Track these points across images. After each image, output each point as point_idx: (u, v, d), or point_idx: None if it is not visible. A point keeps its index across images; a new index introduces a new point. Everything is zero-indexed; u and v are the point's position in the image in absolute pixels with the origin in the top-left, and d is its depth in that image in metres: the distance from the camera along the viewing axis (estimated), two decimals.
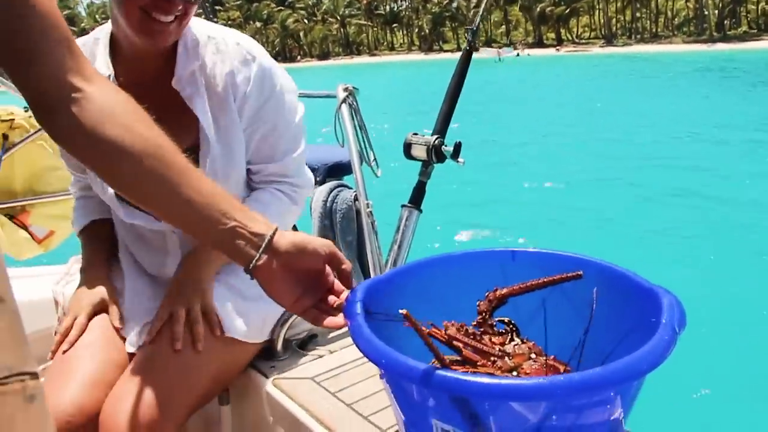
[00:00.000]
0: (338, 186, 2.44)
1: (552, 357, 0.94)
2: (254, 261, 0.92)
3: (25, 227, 3.04)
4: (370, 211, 2.27)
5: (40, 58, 0.85)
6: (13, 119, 2.96)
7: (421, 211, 2.19)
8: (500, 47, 69.85)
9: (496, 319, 0.99)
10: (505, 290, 0.98)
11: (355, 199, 2.33)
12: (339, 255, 0.98)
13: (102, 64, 1.36)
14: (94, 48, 1.40)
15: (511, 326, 0.99)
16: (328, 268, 0.97)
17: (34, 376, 0.25)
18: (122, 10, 1.26)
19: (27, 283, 2.08)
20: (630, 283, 1.03)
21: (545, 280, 0.97)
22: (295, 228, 2.38)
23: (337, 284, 0.99)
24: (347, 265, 0.99)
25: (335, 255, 0.97)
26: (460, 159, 2.12)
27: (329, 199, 2.40)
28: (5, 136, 2.94)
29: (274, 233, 0.93)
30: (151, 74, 1.39)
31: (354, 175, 2.28)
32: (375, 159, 2.39)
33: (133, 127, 0.91)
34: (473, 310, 0.99)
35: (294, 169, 1.54)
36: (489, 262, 1.11)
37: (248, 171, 1.51)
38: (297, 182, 1.55)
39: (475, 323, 0.98)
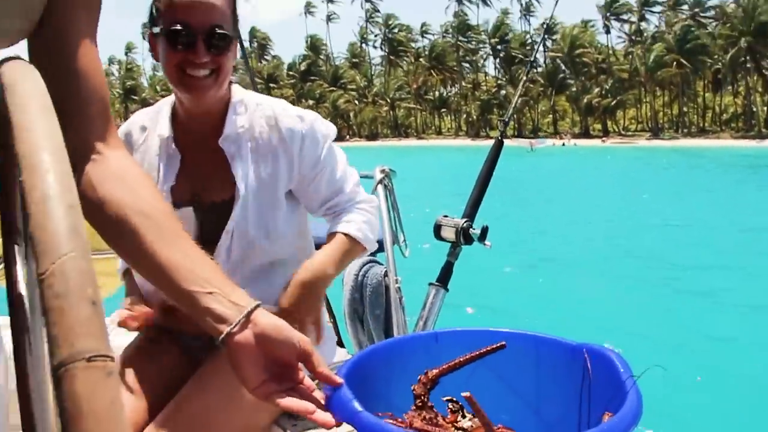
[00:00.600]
0: (370, 261, 2.56)
1: (500, 426, 1.00)
2: (230, 328, 0.88)
3: None
4: (398, 287, 2.38)
5: (79, 121, 0.92)
6: None
7: (447, 289, 2.30)
8: (533, 138, 70.41)
9: (444, 398, 1.03)
10: (435, 371, 1.02)
11: (385, 274, 2.44)
12: (314, 356, 0.93)
13: (163, 127, 1.60)
14: (158, 116, 1.64)
15: (457, 405, 1.04)
16: (301, 366, 0.93)
17: (112, 359, 0.35)
18: (165, 71, 1.50)
19: None
20: (557, 345, 1.12)
21: (473, 354, 1.01)
22: (327, 303, 2.51)
23: (308, 381, 0.94)
24: (323, 370, 0.93)
25: (309, 354, 0.92)
26: (487, 242, 2.24)
27: (360, 273, 2.51)
28: None
29: (255, 307, 0.91)
30: (204, 134, 1.60)
31: (385, 252, 2.41)
32: (405, 240, 2.52)
33: (138, 191, 0.96)
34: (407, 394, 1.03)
35: (359, 191, 1.77)
36: (414, 345, 1.17)
37: (324, 207, 1.73)
38: (366, 198, 1.78)
39: (414, 407, 1.00)
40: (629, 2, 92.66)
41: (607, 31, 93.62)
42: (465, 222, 2.25)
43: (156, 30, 1.48)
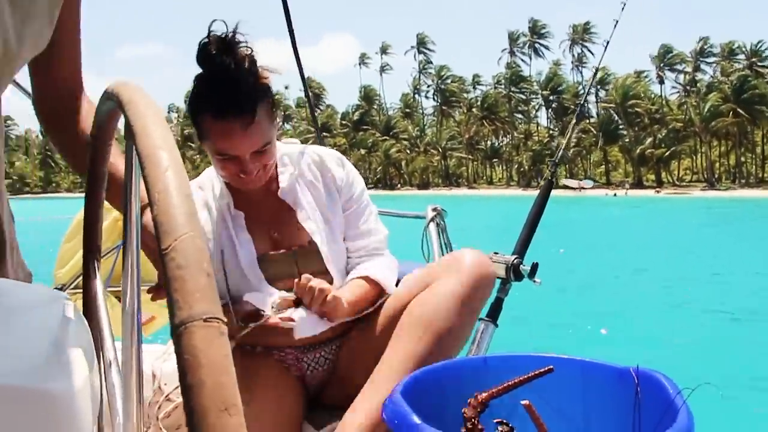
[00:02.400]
0: None
1: None
2: None
3: None
4: None
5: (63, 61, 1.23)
6: None
7: (497, 325, 2.32)
8: (580, 179, 69.63)
9: (494, 420, 1.07)
10: (485, 394, 1.05)
11: None
12: None
13: (222, 196, 1.71)
14: (213, 183, 1.75)
15: (507, 427, 1.07)
16: None
17: (225, 322, 0.41)
18: (218, 174, 1.66)
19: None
20: (604, 369, 1.14)
21: (521, 378, 1.04)
22: None
23: None
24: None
25: None
26: (536, 279, 2.26)
27: None
28: None
29: None
30: (261, 194, 1.72)
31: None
32: None
33: None
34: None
35: (385, 245, 1.85)
36: (464, 369, 1.23)
37: (352, 248, 1.79)
38: (385, 242, 1.85)
39: (464, 430, 1.04)
40: (683, 53, 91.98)
41: (661, 82, 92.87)
42: (515, 259, 2.28)
43: (200, 140, 1.61)
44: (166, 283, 0.42)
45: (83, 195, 1.00)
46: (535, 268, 2.22)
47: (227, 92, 1.50)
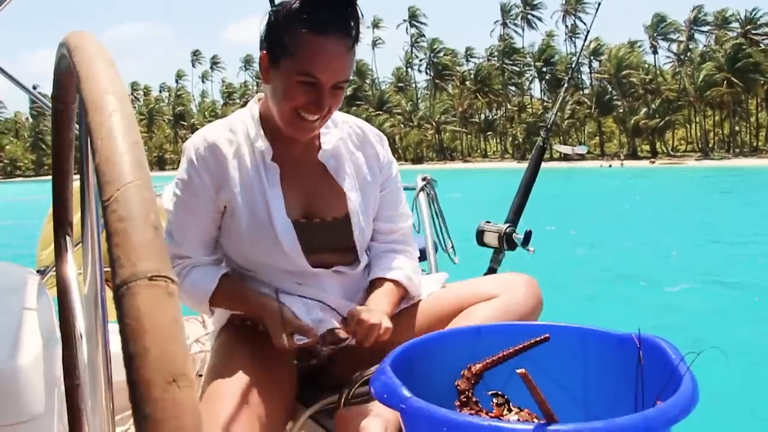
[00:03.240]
0: None
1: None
2: None
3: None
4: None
5: None
6: None
7: None
8: (574, 145, 69.94)
9: (489, 393, 1.02)
10: (479, 365, 1.02)
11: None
12: None
13: (261, 142, 1.57)
14: (238, 129, 1.60)
15: (502, 399, 1.02)
16: None
17: (173, 282, 0.36)
18: (278, 107, 1.50)
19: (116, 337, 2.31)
20: (603, 336, 1.10)
21: (516, 348, 0.99)
22: None
23: None
24: None
25: None
26: (530, 247, 2.21)
27: None
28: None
29: None
30: (301, 150, 1.61)
31: (428, 260, 2.40)
32: (453, 246, 2.51)
33: None
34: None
35: (410, 233, 1.79)
36: (457, 339, 1.17)
37: (378, 231, 1.71)
38: (411, 229, 1.79)
39: (458, 402, 1.00)
40: (677, 22, 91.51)
41: (655, 52, 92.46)
42: (508, 227, 2.23)
43: (279, 60, 1.47)
44: (107, 239, 0.37)
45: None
46: (528, 236, 2.18)
47: (337, 10, 1.43)
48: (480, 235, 2.21)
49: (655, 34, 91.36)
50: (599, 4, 2.72)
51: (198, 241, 1.58)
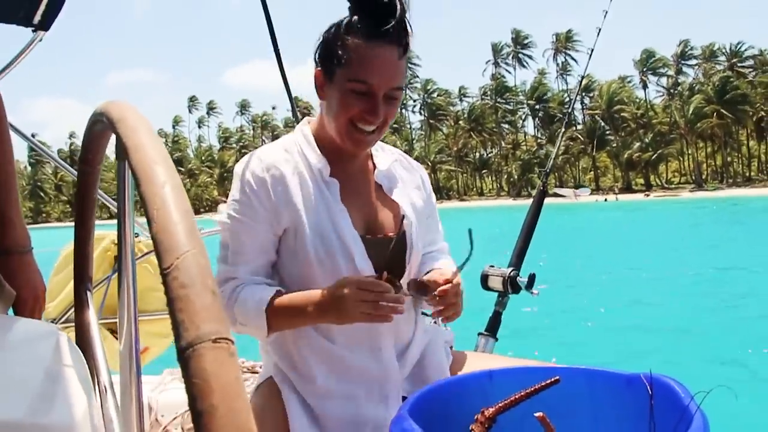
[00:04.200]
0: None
1: None
2: None
3: None
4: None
5: None
6: None
7: (496, 339, 2.29)
8: (576, 187, 70.30)
9: None
10: (492, 409, 1.03)
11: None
12: None
13: (317, 161, 1.56)
14: (303, 149, 1.59)
15: None
16: None
17: (233, 342, 0.38)
18: (334, 120, 1.51)
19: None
20: (611, 377, 1.12)
21: (527, 391, 1.02)
22: None
23: None
24: None
25: None
26: (534, 290, 2.23)
27: None
28: (116, 258, 3.25)
29: None
30: (356, 168, 1.62)
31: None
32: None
33: None
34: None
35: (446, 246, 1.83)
36: (469, 384, 1.19)
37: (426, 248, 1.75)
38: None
39: None
40: (665, 57, 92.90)
41: (645, 86, 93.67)
42: (512, 271, 2.25)
43: (332, 73, 1.49)
44: (169, 304, 0.40)
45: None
46: (532, 279, 2.20)
47: (388, 18, 1.46)
48: (484, 279, 2.23)
49: (644, 69, 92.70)
50: (592, 51, 2.79)
51: (254, 266, 1.53)
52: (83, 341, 0.96)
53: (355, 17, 1.48)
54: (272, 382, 1.56)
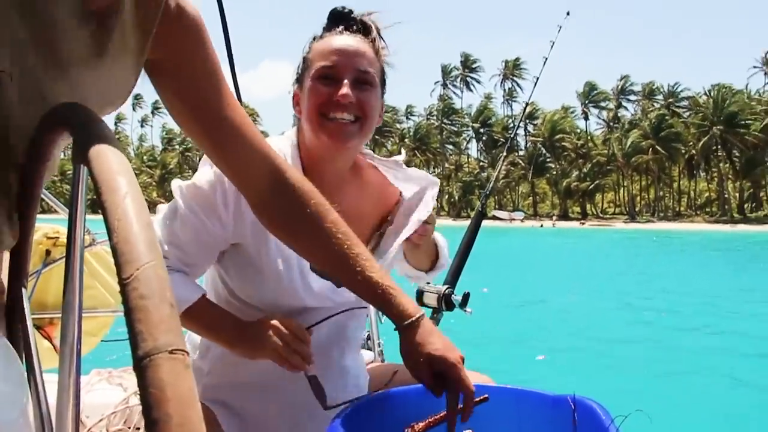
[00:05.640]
0: None
1: None
2: (412, 320, 1.19)
3: (49, 338, 3.18)
4: (381, 351, 2.43)
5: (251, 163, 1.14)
6: (58, 237, 3.20)
7: None
8: (512, 211, 71.84)
9: None
10: (421, 424, 1.08)
11: (368, 338, 2.49)
12: (456, 369, 1.15)
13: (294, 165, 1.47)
14: (288, 158, 1.47)
15: None
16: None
17: (188, 354, 0.40)
18: (306, 118, 1.46)
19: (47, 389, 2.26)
20: (539, 398, 1.17)
21: (457, 408, 1.07)
22: None
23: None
24: (467, 391, 1.13)
25: (454, 365, 1.15)
26: (467, 309, 2.28)
27: None
28: (48, 252, 3.17)
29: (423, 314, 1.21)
30: (342, 193, 1.51)
31: (369, 316, 2.45)
32: None
33: (326, 205, 1.20)
34: None
35: None
36: (403, 398, 1.22)
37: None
38: None
39: None
40: (606, 91, 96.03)
41: (586, 118, 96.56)
42: (447, 289, 2.28)
43: (303, 79, 1.50)
44: (126, 314, 0.41)
45: None
46: (466, 297, 2.24)
47: (346, 16, 1.52)
48: (419, 295, 2.26)
49: (586, 101, 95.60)
50: (537, 79, 2.89)
51: (187, 258, 1.43)
52: (15, 339, 0.94)
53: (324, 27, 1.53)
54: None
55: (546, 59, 2.88)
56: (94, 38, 0.81)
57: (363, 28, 1.52)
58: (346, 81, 1.43)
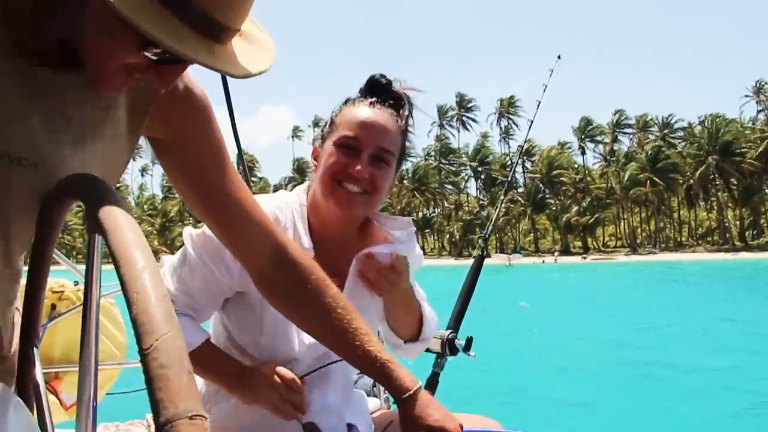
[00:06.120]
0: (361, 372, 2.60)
1: None
2: (410, 393, 1.21)
3: (55, 393, 3.17)
4: (387, 397, 2.42)
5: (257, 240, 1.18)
6: (63, 291, 3.21)
7: None
8: (510, 254, 71.66)
9: None
10: None
11: (374, 385, 2.48)
12: None
13: (305, 239, 1.52)
14: (296, 220, 1.55)
15: None
16: None
17: (206, 419, 0.42)
18: (320, 180, 1.51)
19: None
20: None
21: None
22: None
23: None
24: None
25: None
26: (471, 353, 2.29)
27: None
28: (53, 306, 3.18)
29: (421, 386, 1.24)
30: (346, 252, 1.56)
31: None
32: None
33: (327, 281, 1.23)
34: None
35: None
36: None
37: None
38: None
39: None
40: (602, 125, 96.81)
41: (583, 152, 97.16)
42: (450, 333, 2.30)
43: (325, 138, 1.54)
44: (147, 382, 0.44)
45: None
46: (469, 342, 2.26)
47: (383, 88, 1.55)
48: None
49: (583, 136, 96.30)
50: (531, 122, 2.94)
51: (194, 304, 1.49)
52: (27, 397, 0.96)
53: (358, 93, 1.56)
54: None
55: (539, 102, 2.94)
56: (95, 120, 0.86)
57: (396, 102, 1.55)
58: (364, 156, 1.48)
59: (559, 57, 3.05)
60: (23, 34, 0.80)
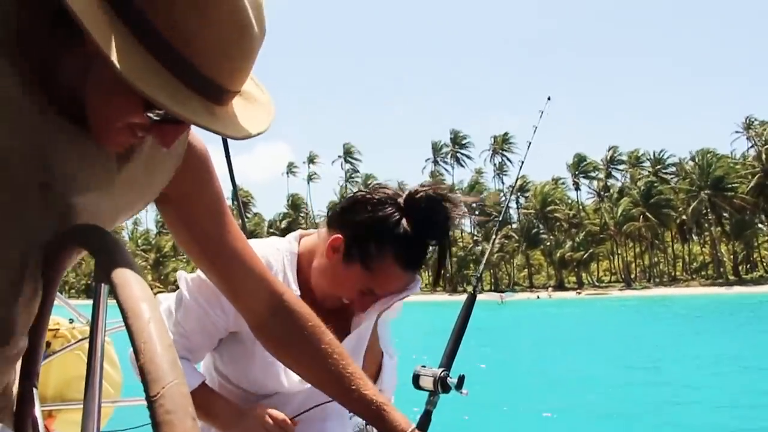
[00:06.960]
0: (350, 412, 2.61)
1: None
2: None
3: None
4: None
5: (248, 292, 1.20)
6: (58, 329, 3.22)
7: None
8: (502, 292, 71.66)
9: None
10: None
11: (366, 424, 2.49)
12: None
13: (292, 284, 1.60)
14: (287, 271, 1.62)
15: None
16: None
17: None
18: (327, 286, 1.61)
19: None
20: None
21: None
22: None
23: None
24: None
25: None
26: (463, 390, 2.31)
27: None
28: (48, 344, 3.19)
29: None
30: (332, 302, 1.64)
31: None
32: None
33: (322, 327, 1.25)
34: None
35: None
36: None
37: None
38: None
39: None
40: (595, 161, 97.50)
41: (577, 188, 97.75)
42: (442, 371, 2.32)
43: (353, 262, 1.56)
44: (154, 427, 0.48)
45: None
46: (461, 380, 2.28)
47: (424, 255, 1.67)
48: (416, 379, 2.30)
49: (576, 172, 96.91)
50: (522, 162, 2.99)
51: (190, 344, 1.55)
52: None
53: (406, 237, 1.58)
54: None
55: (530, 143, 2.98)
56: (109, 170, 0.90)
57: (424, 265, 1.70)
58: (377, 304, 1.62)
59: (549, 98, 3.11)
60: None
